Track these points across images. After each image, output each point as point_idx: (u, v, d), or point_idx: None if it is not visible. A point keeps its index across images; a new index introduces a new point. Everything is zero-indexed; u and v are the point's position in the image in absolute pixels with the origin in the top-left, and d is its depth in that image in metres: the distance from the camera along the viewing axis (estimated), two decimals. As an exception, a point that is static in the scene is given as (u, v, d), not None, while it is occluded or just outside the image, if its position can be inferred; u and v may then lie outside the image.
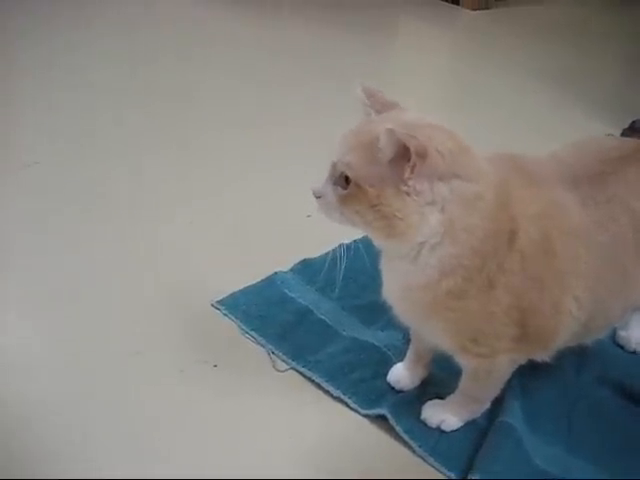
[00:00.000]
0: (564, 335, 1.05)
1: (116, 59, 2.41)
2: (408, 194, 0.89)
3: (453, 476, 1.06)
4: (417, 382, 1.20)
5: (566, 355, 1.27)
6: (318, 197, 0.96)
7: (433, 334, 1.05)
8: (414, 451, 1.09)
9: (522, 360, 1.08)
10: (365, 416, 1.14)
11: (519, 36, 3.09)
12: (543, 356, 1.10)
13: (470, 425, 1.14)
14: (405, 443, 1.10)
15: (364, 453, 1.11)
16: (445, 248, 0.93)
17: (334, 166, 0.94)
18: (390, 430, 1.12)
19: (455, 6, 3.37)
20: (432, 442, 1.10)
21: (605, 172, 1.07)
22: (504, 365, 1.06)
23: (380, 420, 1.13)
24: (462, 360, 1.08)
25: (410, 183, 0.88)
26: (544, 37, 3.08)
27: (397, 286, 1.02)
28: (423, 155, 0.87)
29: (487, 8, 3.39)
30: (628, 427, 1.18)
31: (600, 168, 1.08)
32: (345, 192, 0.92)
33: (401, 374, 1.20)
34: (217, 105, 2.16)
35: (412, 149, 0.85)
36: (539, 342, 1.05)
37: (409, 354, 1.20)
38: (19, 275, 1.40)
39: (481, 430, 1.13)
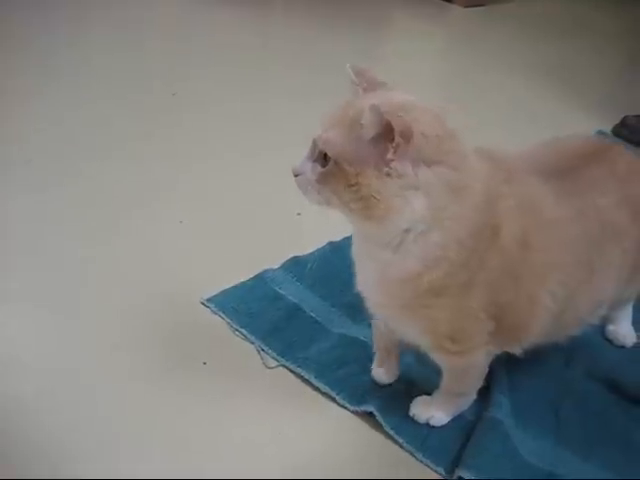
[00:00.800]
0: (538, 329, 1.05)
1: (114, 58, 2.39)
2: (389, 176, 0.85)
3: (441, 471, 1.07)
4: (396, 375, 1.19)
5: (554, 349, 1.28)
6: (297, 175, 0.92)
7: (409, 332, 1.04)
8: (402, 447, 1.10)
9: (497, 351, 1.08)
10: (353, 412, 1.15)
11: (511, 33, 3.09)
12: (516, 349, 1.09)
13: (458, 420, 1.15)
14: (394, 439, 1.11)
15: (353, 449, 1.11)
16: (431, 237, 0.90)
17: (314, 142, 0.91)
18: (379, 425, 1.12)
19: (447, 3, 3.37)
20: (420, 438, 1.11)
21: (571, 168, 1.07)
22: (480, 359, 1.06)
23: (369, 415, 1.14)
24: (438, 358, 1.08)
25: (392, 164, 0.85)
26: (537, 34, 3.09)
27: (375, 278, 0.99)
28: (408, 136, 0.83)
29: (480, 5, 3.39)
30: (615, 421, 1.19)
31: (566, 165, 1.08)
32: (324, 170, 0.89)
33: (378, 371, 1.19)
34: (209, 104, 2.16)
35: (396, 128, 0.82)
36: (514, 335, 1.06)
37: (377, 352, 1.19)
38: (13, 273, 1.40)
39: (469, 425, 1.13)
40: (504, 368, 1.21)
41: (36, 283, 1.37)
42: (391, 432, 1.11)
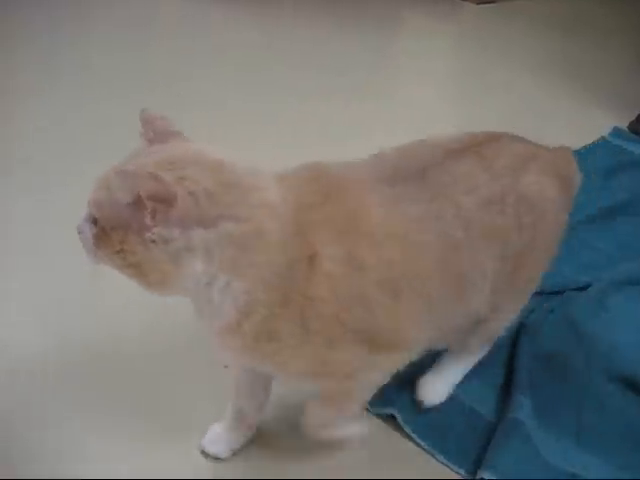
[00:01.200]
0: (418, 334, 0.97)
1: (116, 57, 2.39)
2: (154, 242, 0.78)
3: (463, 472, 1.07)
4: (237, 447, 1.08)
5: (575, 350, 1.28)
6: (79, 233, 0.85)
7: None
8: (424, 448, 1.10)
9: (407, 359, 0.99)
10: (374, 414, 1.15)
11: (524, 30, 3.08)
12: (410, 358, 1.00)
13: (479, 421, 1.15)
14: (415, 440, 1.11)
15: (374, 450, 1.11)
16: (235, 286, 0.82)
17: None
18: (400, 427, 1.12)
19: (459, 0, 3.36)
20: (441, 440, 1.11)
21: (429, 167, 0.97)
22: (386, 367, 0.97)
23: (390, 417, 1.14)
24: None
25: (155, 230, 0.77)
26: (549, 31, 3.07)
27: (210, 331, 0.90)
28: (168, 200, 0.76)
29: (491, 2, 3.38)
30: (637, 421, 1.18)
31: (424, 164, 0.98)
32: (95, 233, 0.83)
33: (218, 437, 1.08)
34: (212, 105, 2.14)
35: (144, 195, 0.75)
36: (394, 348, 0.95)
37: (230, 411, 1.08)
38: (14, 273, 1.40)
39: (489, 426, 1.13)
40: (525, 368, 1.21)
41: (36, 283, 1.37)
42: (413, 435, 1.11)
